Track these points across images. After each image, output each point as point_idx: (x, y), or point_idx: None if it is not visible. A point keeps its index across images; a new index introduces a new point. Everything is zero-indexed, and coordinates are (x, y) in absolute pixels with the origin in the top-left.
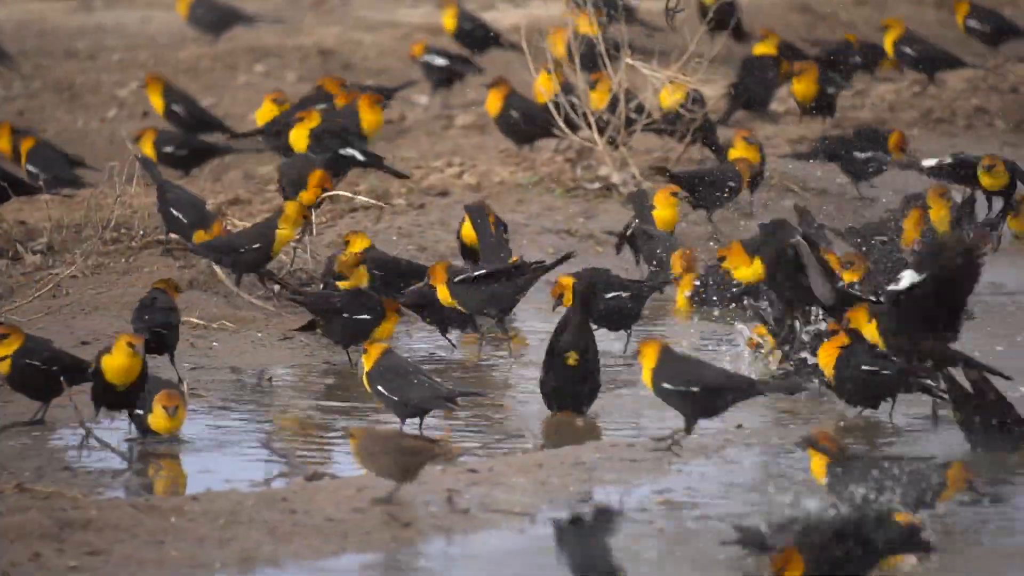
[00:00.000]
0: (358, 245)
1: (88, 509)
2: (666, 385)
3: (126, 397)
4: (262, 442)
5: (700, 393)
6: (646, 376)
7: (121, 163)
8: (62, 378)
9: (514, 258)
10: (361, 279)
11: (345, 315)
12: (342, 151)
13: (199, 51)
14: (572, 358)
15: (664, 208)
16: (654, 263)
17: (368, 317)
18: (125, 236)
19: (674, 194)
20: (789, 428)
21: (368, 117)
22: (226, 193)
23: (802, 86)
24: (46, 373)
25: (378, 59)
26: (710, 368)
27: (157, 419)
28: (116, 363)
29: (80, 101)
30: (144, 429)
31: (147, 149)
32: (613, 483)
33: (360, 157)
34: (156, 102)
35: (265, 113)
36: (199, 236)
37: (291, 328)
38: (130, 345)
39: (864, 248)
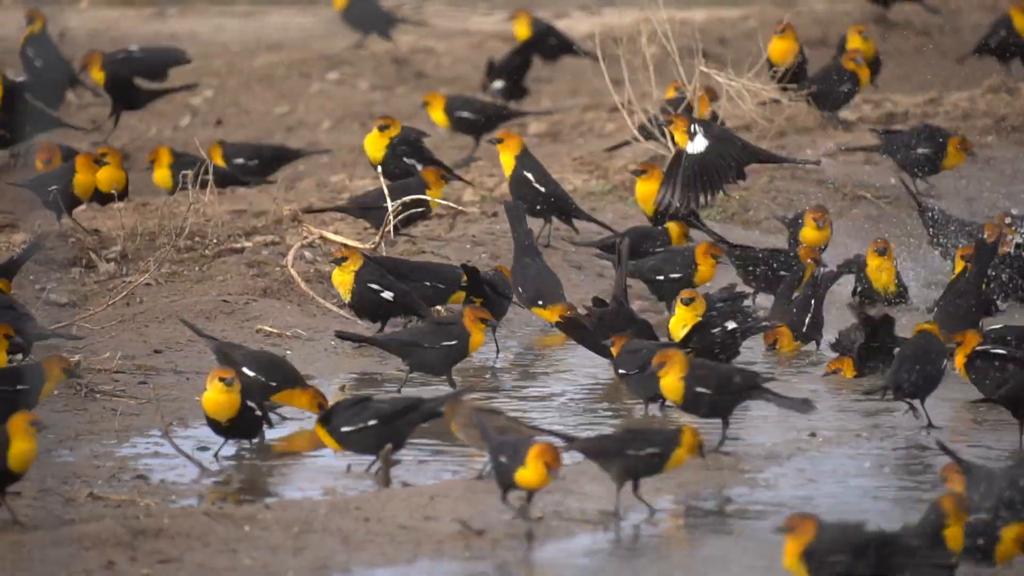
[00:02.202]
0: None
1: (161, 517)
2: None
3: (231, 432)
4: (162, 433)
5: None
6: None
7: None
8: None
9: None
10: None
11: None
12: (407, 160)
13: (273, 59)
14: None
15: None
16: None
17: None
18: (199, 244)
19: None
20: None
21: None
22: (299, 201)
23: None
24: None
25: (452, 67)
26: None
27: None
28: (211, 399)
29: (153, 109)
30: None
31: (216, 159)
32: (686, 486)
33: (419, 167)
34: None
35: (375, 144)
36: None
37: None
38: (222, 380)
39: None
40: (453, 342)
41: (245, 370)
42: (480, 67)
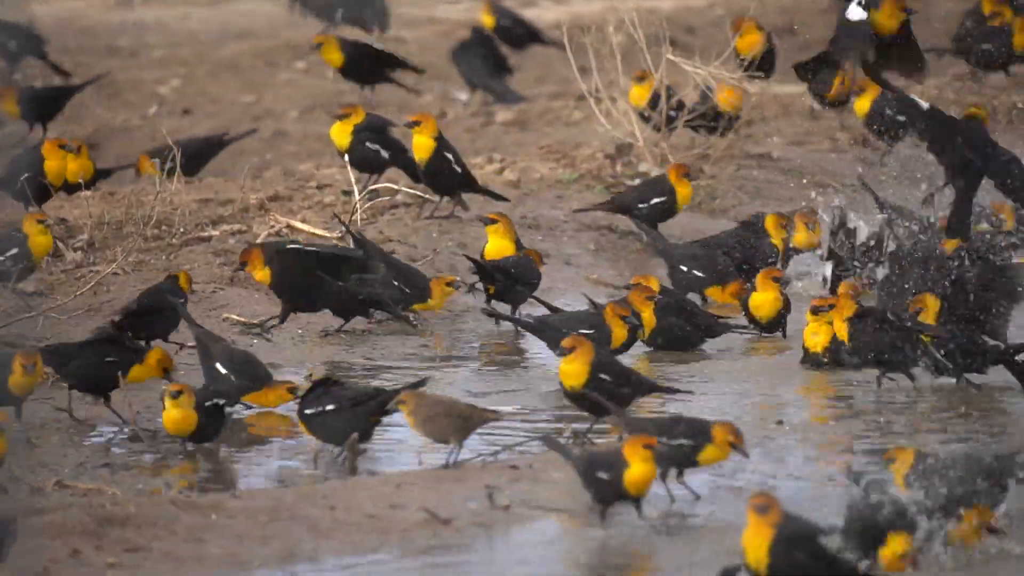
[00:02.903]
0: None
1: (127, 505)
2: None
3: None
4: (129, 421)
5: None
6: None
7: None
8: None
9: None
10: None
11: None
12: (370, 145)
13: (240, 48)
14: None
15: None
16: None
17: None
18: (166, 233)
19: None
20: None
21: None
22: (265, 190)
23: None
24: None
25: (419, 55)
26: None
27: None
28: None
29: (121, 98)
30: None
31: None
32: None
33: (385, 155)
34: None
35: (340, 132)
36: None
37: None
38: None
39: None
40: (591, 331)
41: (218, 366)
42: (446, 55)
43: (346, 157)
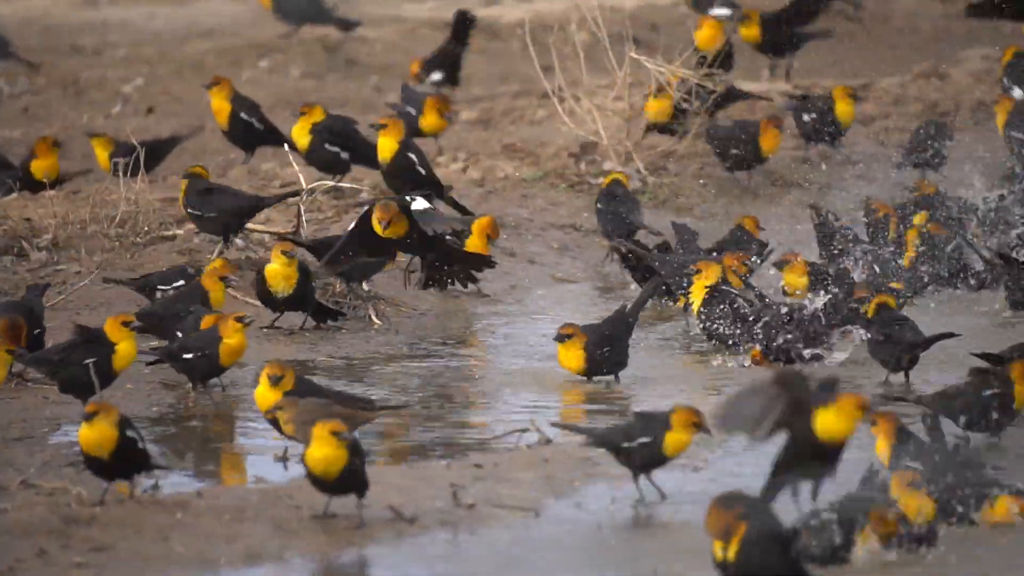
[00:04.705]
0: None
1: (93, 505)
2: None
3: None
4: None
5: None
6: None
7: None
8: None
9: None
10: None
11: None
12: (329, 147)
13: (204, 47)
14: None
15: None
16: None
17: None
18: (130, 232)
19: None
20: None
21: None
22: None
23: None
24: None
25: (383, 54)
26: None
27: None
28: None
29: (85, 97)
30: None
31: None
32: (619, 477)
33: (345, 156)
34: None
35: (300, 132)
36: None
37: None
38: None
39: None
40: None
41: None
42: (411, 54)
43: (296, 155)
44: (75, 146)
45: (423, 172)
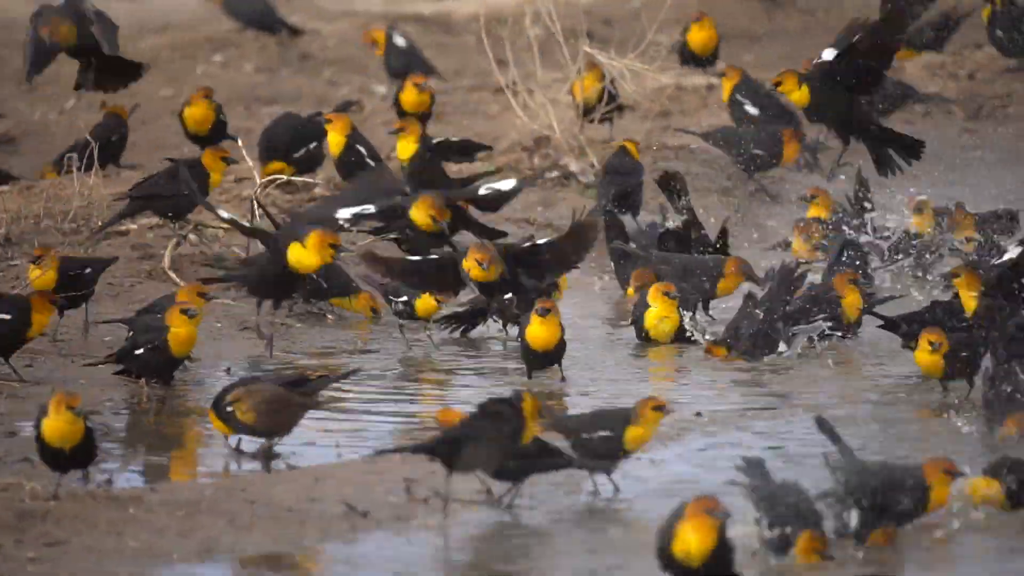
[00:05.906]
0: None
1: (47, 500)
2: None
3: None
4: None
5: None
6: None
7: (80, 154)
8: None
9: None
10: None
11: None
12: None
13: (159, 41)
14: None
15: None
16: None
17: None
18: (84, 227)
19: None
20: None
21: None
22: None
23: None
24: None
25: (337, 48)
26: None
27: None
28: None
29: (39, 92)
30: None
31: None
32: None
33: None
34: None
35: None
36: None
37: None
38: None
39: None
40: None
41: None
42: (364, 47)
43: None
44: (28, 141)
45: (373, 164)
